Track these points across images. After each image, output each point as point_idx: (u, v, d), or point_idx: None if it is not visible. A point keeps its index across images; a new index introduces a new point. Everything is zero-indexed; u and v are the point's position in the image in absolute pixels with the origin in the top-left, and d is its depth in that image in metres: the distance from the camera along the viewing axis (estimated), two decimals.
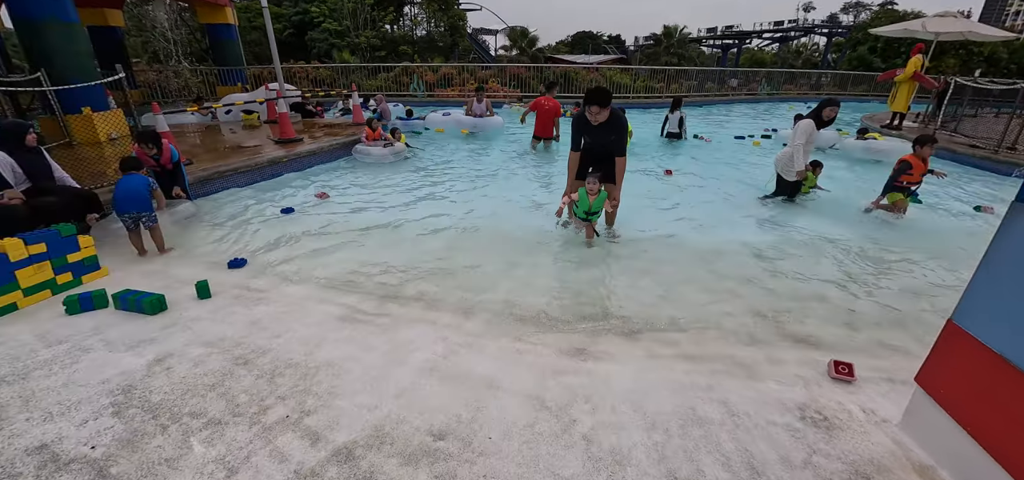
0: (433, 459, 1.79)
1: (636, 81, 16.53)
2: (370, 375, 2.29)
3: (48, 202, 3.54)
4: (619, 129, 3.83)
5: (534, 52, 25.83)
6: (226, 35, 13.76)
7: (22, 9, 6.91)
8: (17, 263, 2.86)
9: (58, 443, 1.81)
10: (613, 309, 3.18)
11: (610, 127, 3.81)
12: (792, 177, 5.26)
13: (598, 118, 3.72)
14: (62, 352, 2.43)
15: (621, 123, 3.84)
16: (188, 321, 2.77)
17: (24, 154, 3.76)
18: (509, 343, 2.69)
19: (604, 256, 4.06)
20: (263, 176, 6.25)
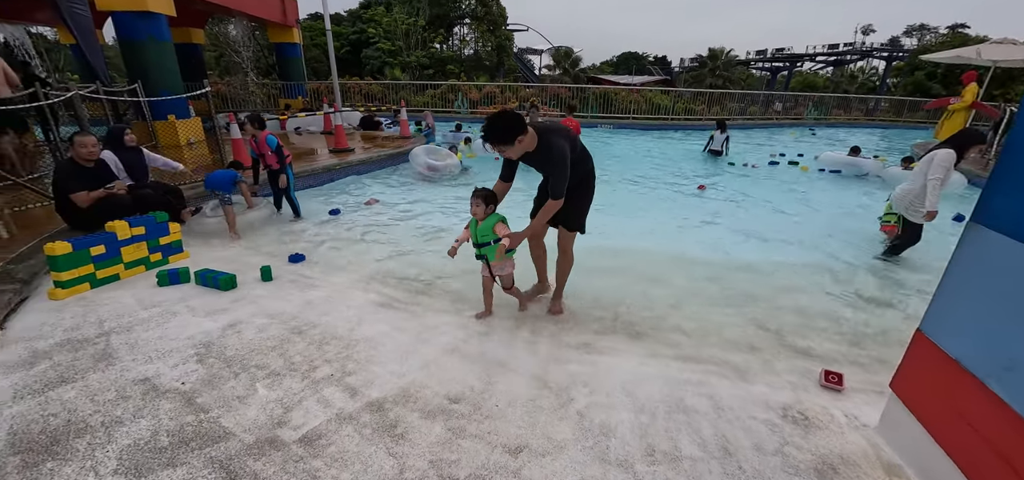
0: (447, 416, 2.14)
1: (677, 102, 16.58)
2: (400, 350, 2.68)
3: (146, 193, 4.22)
4: (553, 164, 2.67)
5: (577, 73, 26.29)
6: (291, 53, 15.00)
7: (126, 31, 8.00)
8: (123, 241, 3.48)
9: (157, 378, 2.30)
10: (623, 313, 3.44)
11: (543, 160, 2.75)
12: (920, 218, 4.38)
13: (512, 155, 2.71)
14: (156, 313, 2.98)
15: (554, 157, 2.64)
16: (254, 297, 3.27)
17: (124, 152, 4.48)
18: (523, 335, 3.01)
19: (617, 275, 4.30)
20: (318, 180, 6.91)
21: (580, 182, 2.94)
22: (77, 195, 3.86)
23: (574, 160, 2.76)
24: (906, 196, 4.44)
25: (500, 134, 2.57)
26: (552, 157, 2.65)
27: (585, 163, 2.96)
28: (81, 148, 3.85)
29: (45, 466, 1.74)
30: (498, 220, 2.86)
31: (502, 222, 2.86)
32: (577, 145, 2.84)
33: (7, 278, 3.21)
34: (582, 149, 2.91)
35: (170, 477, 1.70)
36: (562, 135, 2.72)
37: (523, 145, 2.64)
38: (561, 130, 2.76)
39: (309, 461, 1.82)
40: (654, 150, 12.05)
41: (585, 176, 2.98)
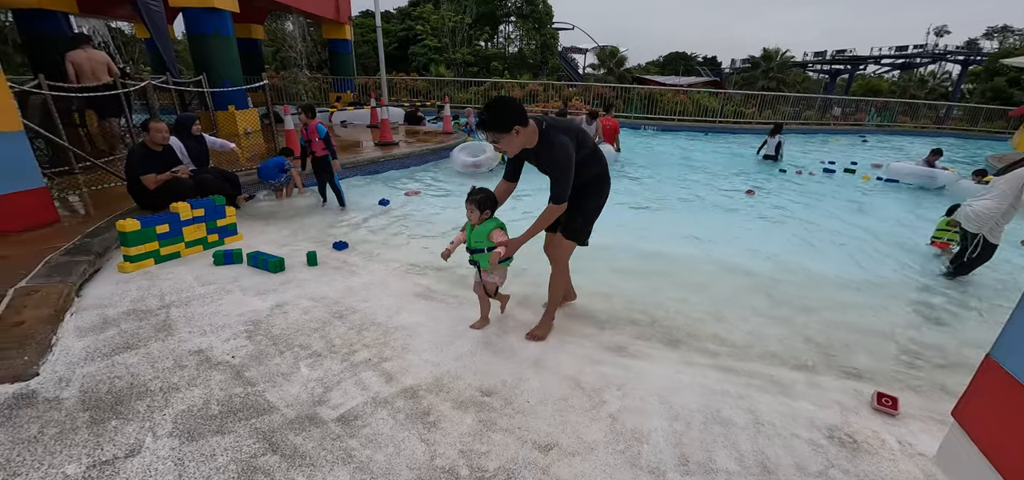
0: (479, 409, 2.16)
1: (726, 105, 16.01)
2: (436, 340, 2.73)
3: (206, 178, 4.50)
4: (554, 163, 2.37)
5: (621, 72, 25.86)
6: (343, 49, 15.56)
7: (195, 26, 8.55)
8: (185, 222, 3.72)
9: (210, 350, 2.45)
10: (660, 318, 3.36)
11: (544, 158, 2.44)
12: (999, 239, 4.13)
13: (509, 148, 2.39)
14: (211, 290, 3.17)
15: (556, 156, 2.35)
16: (300, 281, 3.42)
17: (189, 140, 4.79)
18: (555, 333, 3.00)
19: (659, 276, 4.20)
20: (363, 171, 7.14)
21: (586, 185, 2.61)
22: (146, 177, 4.17)
23: (582, 160, 2.47)
24: (988, 215, 4.03)
25: (496, 120, 2.28)
26: (553, 155, 2.35)
27: (595, 165, 2.61)
28: (155, 134, 4.15)
29: (110, 423, 1.89)
30: (495, 226, 2.59)
31: (500, 229, 2.60)
32: (586, 143, 2.53)
33: (84, 250, 3.50)
34: (593, 150, 2.59)
35: (219, 443, 1.81)
36: (568, 132, 2.42)
37: (522, 138, 2.34)
38: (568, 126, 2.48)
39: (345, 440, 1.88)
40: (701, 153, 11.69)
41: (594, 180, 2.64)
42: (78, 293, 3.02)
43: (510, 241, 2.58)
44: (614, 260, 4.43)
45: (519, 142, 2.36)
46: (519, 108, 2.31)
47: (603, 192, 2.69)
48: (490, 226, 2.59)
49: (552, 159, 2.37)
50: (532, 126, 2.36)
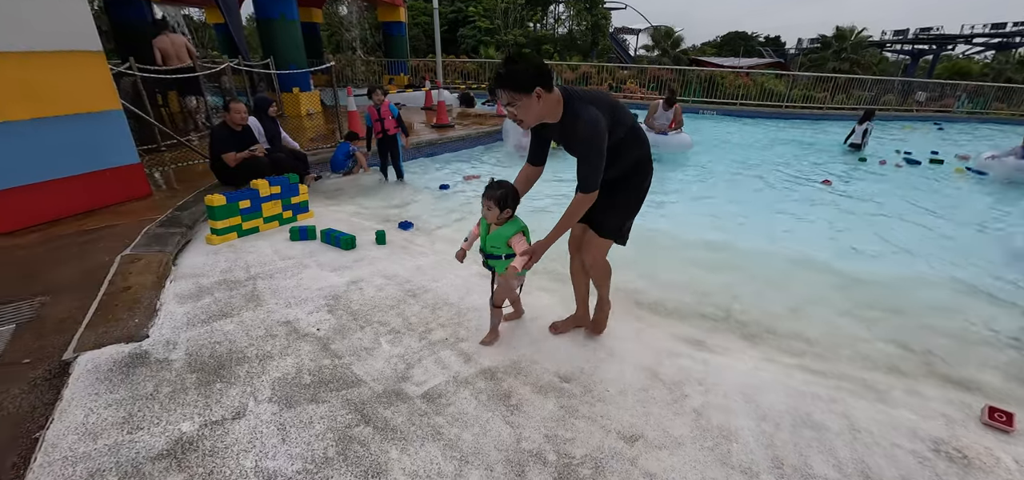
0: (559, 394, 2.14)
1: (792, 88, 15.03)
2: (509, 324, 2.73)
3: (280, 157, 4.70)
4: (581, 141, 1.96)
5: (677, 54, 24.81)
6: (397, 31, 15.78)
7: (262, 11, 8.91)
8: (264, 198, 3.90)
9: (296, 322, 2.56)
10: (735, 312, 3.22)
11: (569, 135, 2.03)
12: None
13: (526, 116, 1.95)
14: (291, 264, 3.31)
15: (582, 132, 1.93)
16: (371, 259, 3.52)
17: (265, 120, 5.01)
18: (628, 321, 2.92)
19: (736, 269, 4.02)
20: (422, 153, 7.25)
21: (624, 173, 2.19)
22: (227, 155, 4.40)
23: (618, 141, 2.04)
24: None
25: (514, 77, 1.83)
26: (578, 131, 1.91)
27: (635, 146, 2.16)
28: (235, 114, 4.37)
29: (215, 386, 2.01)
30: (516, 231, 2.17)
31: (521, 234, 2.19)
32: (623, 120, 2.06)
33: (176, 222, 3.76)
34: (633, 129, 2.12)
35: (315, 411, 1.89)
36: (598, 103, 1.95)
37: (543, 106, 1.91)
38: (598, 97, 2.00)
39: (432, 416, 1.92)
40: (768, 139, 11.07)
41: (635, 167, 2.20)
42: (174, 262, 3.24)
43: (532, 248, 2.15)
44: (681, 250, 4.29)
45: (539, 110, 1.92)
46: (544, 68, 1.88)
47: (645, 182, 2.25)
48: (511, 230, 2.18)
49: (577, 135, 1.95)
50: (556, 95, 1.94)
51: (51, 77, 3.66)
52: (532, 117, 1.96)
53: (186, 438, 1.71)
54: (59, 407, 1.82)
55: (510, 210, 2.18)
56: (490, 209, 2.15)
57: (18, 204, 3.64)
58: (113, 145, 4.11)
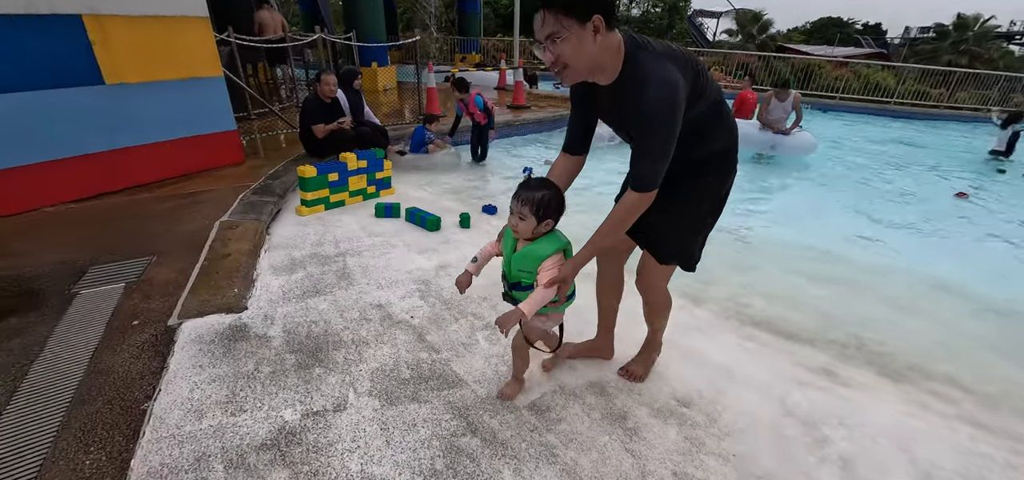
0: (680, 422, 1.86)
1: (903, 82, 13.37)
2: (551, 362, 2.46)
3: (364, 130, 4.67)
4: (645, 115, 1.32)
5: (763, 39, 22.93)
6: (471, 8, 15.68)
7: None
8: (351, 172, 3.85)
9: (389, 306, 2.44)
10: (867, 341, 2.77)
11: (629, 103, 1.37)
12: None
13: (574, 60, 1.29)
14: (378, 243, 3.22)
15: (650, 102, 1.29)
16: (456, 242, 3.36)
17: (351, 93, 4.99)
18: (740, 341, 2.58)
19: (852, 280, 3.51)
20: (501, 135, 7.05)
21: (698, 171, 1.57)
22: (316, 126, 4.41)
23: (697, 119, 1.41)
24: None
25: None
26: (645, 98, 1.28)
27: (722, 133, 1.54)
28: (325, 85, 4.36)
29: (314, 370, 1.91)
30: (555, 250, 1.49)
31: (559, 255, 1.51)
32: (708, 91, 1.42)
33: (268, 191, 3.79)
34: (718, 103, 1.49)
35: (417, 412, 1.73)
36: (678, 61, 1.33)
37: (598, 51, 1.28)
38: (678, 53, 1.36)
39: (543, 433, 1.71)
40: (877, 138, 9.91)
41: (716, 161, 1.59)
42: (268, 231, 3.24)
43: (566, 268, 1.49)
44: (788, 259, 3.81)
45: (593, 54, 1.28)
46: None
47: (726, 185, 1.65)
48: (548, 248, 1.49)
49: (643, 106, 1.29)
50: (617, 40, 1.31)
51: (162, 41, 3.77)
52: (582, 63, 1.29)
53: (289, 428, 1.61)
54: (165, 378, 1.79)
55: (551, 221, 1.50)
56: (523, 218, 1.46)
57: (132, 164, 3.82)
58: (214, 111, 4.22)
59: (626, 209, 1.44)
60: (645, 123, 1.32)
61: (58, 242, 2.97)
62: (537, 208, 1.45)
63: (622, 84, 1.36)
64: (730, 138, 1.58)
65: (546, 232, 1.51)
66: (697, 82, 1.36)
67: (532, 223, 1.46)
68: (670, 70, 1.27)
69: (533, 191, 1.45)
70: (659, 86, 1.26)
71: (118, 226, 3.21)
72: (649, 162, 1.36)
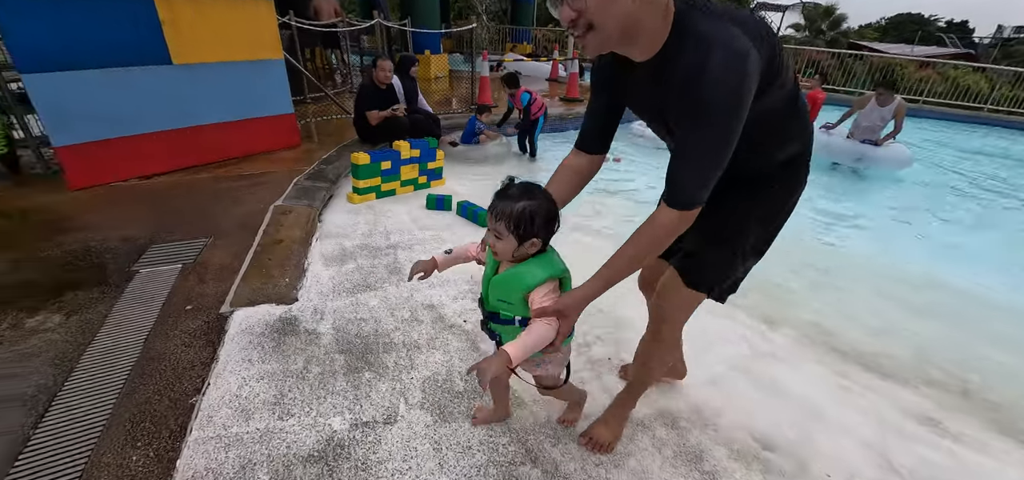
0: (765, 469, 1.62)
1: (998, 87, 12.03)
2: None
3: (419, 118, 4.58)
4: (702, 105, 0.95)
5: (834, 35, 21.33)
6: None
7: None
8: (404, 160, 3.76)
9: (441, 307, 2.30)
10: (974, 386, 2.40)
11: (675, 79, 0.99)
12: None
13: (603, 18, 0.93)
14: (429, 236, 3.11)
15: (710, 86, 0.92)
16: None
17: (406, 80, 4.92)
18: (826, 374, 2.28)
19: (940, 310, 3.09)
20: (552, 128, 6.83)
21: (759, 174, 1.24)
22: (371, 113, 4.35)
23: (768, 112, 1.06)
24: None
25: None
26: (704, 77, 0.93)
27: (793, 131, 1.20)
28: (381, 71, 4.29)
29: (364, 375, 1.80)
30: (543, 279, 1.16)
31: (550, 285, 1.17)
32: (783, 75, 1.06)
33: (321, 177, 3.76)
34: (793, 93, 1.13)
35: (472, 433, 1.58)
36: (748, 28, 0.96)
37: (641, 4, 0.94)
38: (746, 19, 0.99)
39: (610, 470, 1.52)
40: (968, 149, 8.95)
41: (784, 169, 1.25)
42: (320, 218, 3.20)
43: (564, 303, 1.16)
44: (875, 282, 3.41)
45: (626, 11, 0.94)
46: None
47: (791, 200, 1.30)
48: (534, 275, 1.15)
49: (698, 84, 0.94)
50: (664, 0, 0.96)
51: (227, 23, 3.80)
52: (614, 22, 0.95)
53: (337, 440, 1.50)
54: (214, 370, 1.72)
55: (537, 241, 1.14)
56: (500, 237, 1.12)
57: (194, 143, 3.89)
58: (274, 94, 4.24)
59: (657, 230, 1.09)
60: (698, 112, 0.95)
61: (122, 218, 3.04)
62: (517, 224, 1.09)
63: (665, 58, 1.00)
64: (804, 141, 1.23)
65: (533, 253, 1.16)
66: (773, 60, 1.00)
67: (511, 244, 1.12)
68: (738, 38, 0.92)
69: (511, 201, 1.09)
70: (722, 59, 0.90)
71: (177, 205, 3.25)
72: (696, 169, 1.02)
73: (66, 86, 3.18)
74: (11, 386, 1.67)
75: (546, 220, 1.12)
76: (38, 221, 3.00)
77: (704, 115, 0.95)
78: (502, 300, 1.21)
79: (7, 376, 1.71)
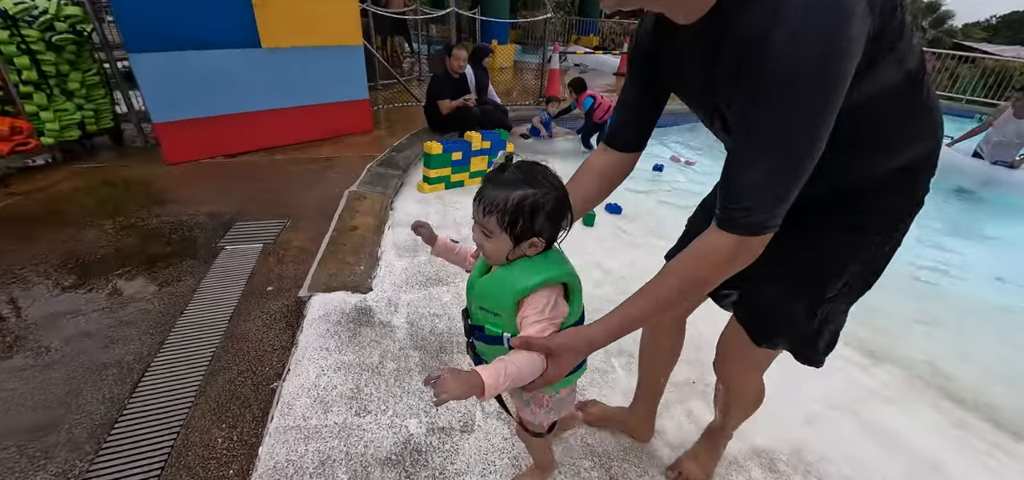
0: None
1: None
2: (769, 380, 2.02)
3: (489, 110, 4.52)
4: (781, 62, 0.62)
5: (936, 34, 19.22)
6: None
7: None
8: (475, 152, 3.71)
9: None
10: None
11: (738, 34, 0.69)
12: None
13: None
14: None
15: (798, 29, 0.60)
16: (581, 242, 3.07)
17: (478, 70, 4.87)
18: (945, 424, 1.99)
19: None
20: None
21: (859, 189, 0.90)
22: (442, 102, 4.34)
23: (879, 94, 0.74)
24: None
25: None
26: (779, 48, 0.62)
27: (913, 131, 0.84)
28: (455, 60, 4.26)
29: None
30: (539, 283, 0.86)
31: (549, 291, 0.89)
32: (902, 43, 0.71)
33: (393, 164, 3.79)
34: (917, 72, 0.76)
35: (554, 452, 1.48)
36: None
37: None
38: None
39: None
40: None
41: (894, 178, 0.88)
42: (392, 206, 3.20)
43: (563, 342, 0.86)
44: (1001, 324, 2.95)
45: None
46: None
47: (905, 224, 0.93)
48: (527, 277, 0.87)
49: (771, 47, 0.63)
50: None
51: (313, 8, 3.89)
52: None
53: (414, 444, 1.44)
54: (294, 356, 1.73)
55: (540, 239, 0.87)
56: (489, 235, 0.86)
57: (277, 125, 4.04)
58: (352, 79, 4.33)
59: (706, 263, 0.79)
60: (767, 92, 0.65)
61: (210, 194, 3.18)
62: (513, 219, 0.82)
63: (721, 16, 0.71)
64: (929, 143, 0.86)
65: (524, 253, 0.88)
66: (890, 18, 0.67)
67: (504, 244, 0.86)
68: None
69: (506, 188, 0.82)
70: (806, 11, 0.60)
71: (258, 185, 3.37)
72: (766, 176, 0.70)
73: (167, 66, 3.37)
74: (112, 353, 1.76)
75: (552, 214, 0.85)
76: (139, 192, 3.20)
77: (777, 96, 0.64)
78: (485, 309, 0.92)
79: (109, 342, 1.81)
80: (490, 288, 0.91)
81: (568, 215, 0.90)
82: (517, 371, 0.81)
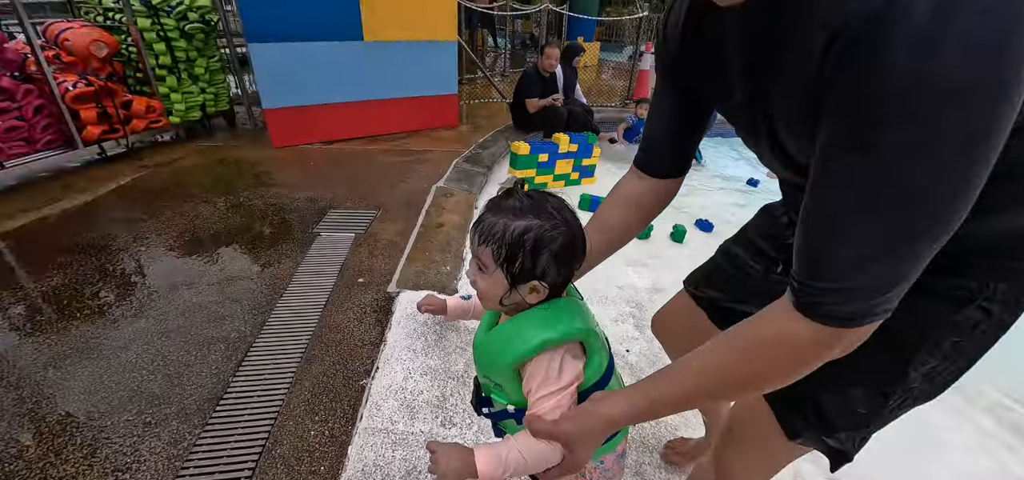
0: None
1: None
2: (892, 446, 1.73)
3: (577, 110, 4.39)
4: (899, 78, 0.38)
5: None
6: None
7: None
8: (561, 154, 3.61)
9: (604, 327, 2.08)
10: None
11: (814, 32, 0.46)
12: None
13: None
14: None
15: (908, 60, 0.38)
16: (668, 259, 2.86)
17: (568, 70, 4.74)
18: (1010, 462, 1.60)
19: None
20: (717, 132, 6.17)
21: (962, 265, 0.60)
22: (530, 100, 4.27)
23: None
24: None
25: None
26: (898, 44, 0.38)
27: None
28: (547, 59, 4.17)
29: None
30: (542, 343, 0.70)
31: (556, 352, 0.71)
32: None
33: (478, 161, 3.78)
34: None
35: None
36: None
37: None
38: None
39: None
40: None
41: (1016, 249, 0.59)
42: (477, 205, 3.18)
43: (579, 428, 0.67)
44: None
45: None
46: None
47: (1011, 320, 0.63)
48: (533, 334, 0.71)
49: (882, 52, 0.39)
50: None
51: (414, 2, 3.97)
52: None
53: None
54: (382, 354, 1.72)
55: (542, 282, 0.71)
56: (484, 269, 0.73)
57: (372, 116, 4.19)
58: (444, 74, 4.39)
59: (775, 356, 0.57)
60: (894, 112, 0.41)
61: (309, 180, 3.35)
62: (511, 253, 0.69)
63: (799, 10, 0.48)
64: None
65: (534, 303, 0.74)
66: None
67: (499, 284, 0.72)
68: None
69: (506, 216, 0.70)
70: None
71: (353, 174, 3.50)
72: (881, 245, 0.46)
73: (280, 55, 3.59)
74: (220, 328, 1.86)
75: (559, 255, 0.70)
76: (247, 172, 3.45)
77: (904, 128, 0.41)
78: (489, 374, 0.78)
79: (218, 318, 1.92)
80: (488, 348, 0.77)
81: (580, 254, 0.75)
82: (520, 460, 0.68)
